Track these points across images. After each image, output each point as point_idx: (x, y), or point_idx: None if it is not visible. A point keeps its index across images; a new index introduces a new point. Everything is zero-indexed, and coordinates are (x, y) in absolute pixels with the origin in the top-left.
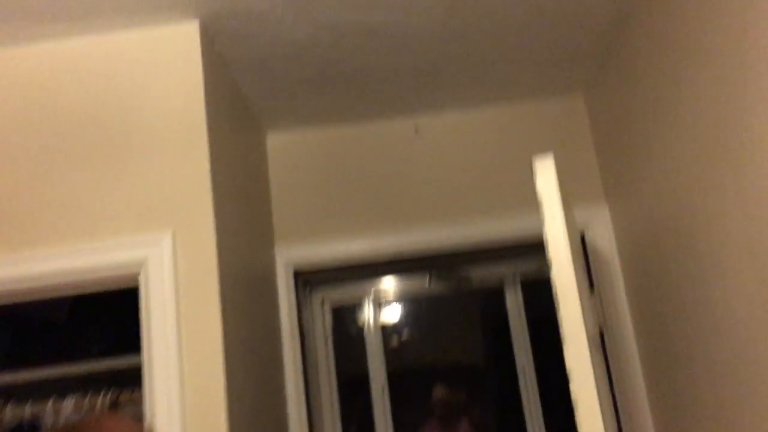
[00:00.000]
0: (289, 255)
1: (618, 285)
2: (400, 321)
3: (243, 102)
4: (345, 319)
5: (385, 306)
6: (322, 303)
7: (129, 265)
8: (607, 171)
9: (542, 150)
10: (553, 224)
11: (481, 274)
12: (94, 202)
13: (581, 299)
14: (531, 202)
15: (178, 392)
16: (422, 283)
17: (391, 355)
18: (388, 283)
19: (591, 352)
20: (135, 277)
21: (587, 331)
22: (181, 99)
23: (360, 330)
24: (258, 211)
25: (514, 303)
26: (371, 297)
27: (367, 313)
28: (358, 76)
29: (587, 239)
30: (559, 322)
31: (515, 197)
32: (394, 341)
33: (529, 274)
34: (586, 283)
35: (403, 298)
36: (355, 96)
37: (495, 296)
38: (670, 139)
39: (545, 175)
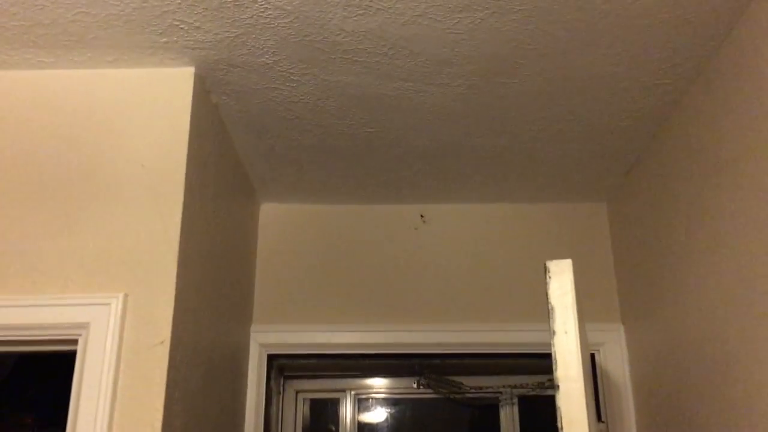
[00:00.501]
0: (266, 337)
1: (629, 417)
2: (383, 423)
3: (237, 164)
4: (322, 414)
5: (368, 406)
6: (296, 395)
7: (70, 327)
8: (625, 287)
9: (556, 257)
10: (565, 339)
11: (475, 384)
12: (44, 251)
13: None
14: (539, 311)
15: None
16: (410, 386)
17: None
18: (372, 382)
19: None
20: (75, 341)
21: None
22: (161, 148)
23: (337, 429)
24: (237, 285)
25: (509, 420)
26: (352, 394)
27: (346, 411)
28: (365, 151)
29: (598, 361)
30: None
31: (523, 304)
32: None
33: (528, 390)
34: (594, 411)
35: (387, 399)
36: (359, 172)
37: (488, 409)
38: (699, 259)
39: (560, 281)
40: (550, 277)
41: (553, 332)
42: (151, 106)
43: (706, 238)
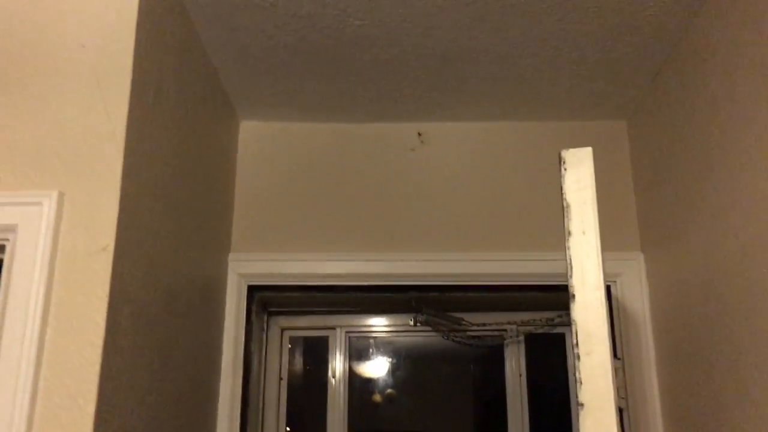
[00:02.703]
0: (247, 266)
1: (648, 355)
2: (377, 364)
3: (208, 69)
4: (311, 354)
5: (360, 346)
6: (281, 333)
7: None
8: (646, 212)
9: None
10: (583, 240)
11: (478, 321)
12: None
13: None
14: (548, 239)
15: (27, 416)
16: (407, 323)
17: (361, 411)
18: (366, 320)
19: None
20: (2, 248)
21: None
22: (104, 25)
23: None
24: (212, 207)
25: (515, 360)
26: (343, 332)
27: (337, 351)
28: (353, 51)
29: (614, 294)
30: (577, 381)
31: (531, 232)
32: (369, 395)
33: (536, 326)
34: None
35: (382, 339)
36: (347, 82)
37: (492, 349)
38: (729, 179)
39: (578, 172)
40: (565, 169)
41: (569, 233)
42: None
43: (738, 154)
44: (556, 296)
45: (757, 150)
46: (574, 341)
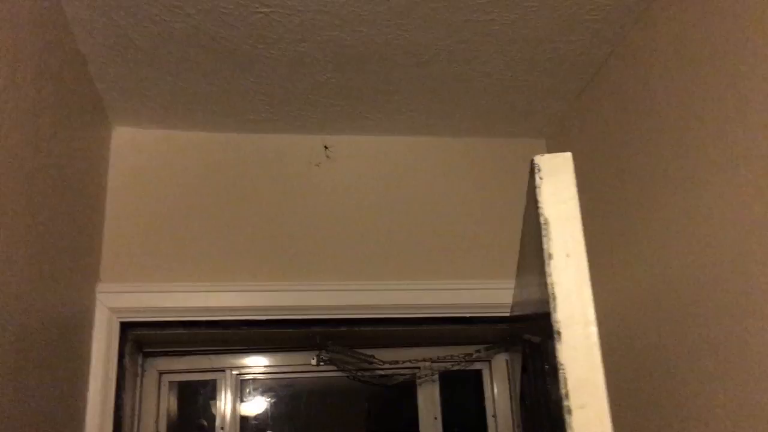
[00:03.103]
0: (119, 299)
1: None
2: (271, 411)
3: (72, 54)
4: (194, 401)
5: (253, 390)
6: (159, 377)
7: None
8: None
9: (486, 200)
10: (567, 264)
11: (389, 358)
12: None
13: None
14: (467, 265)
15: None
16: (308, 362)
17: None
18: (259, 359)
19: None
20: None
21: None
22: None
23: (213, 420)
24: (76, 228)
25: (428, 400)
26: (233, 374)
27: (225, 397)
28: (252, 48)
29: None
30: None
31: (448, 257)
32: None
33: (453, 363)
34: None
35: (278, 380)
36: (243, 82)
37: (403, 388)
38: (670, 194)
39: (556, 183)
40: (540, 179)
41: (549, 256)
42: None
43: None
44: (476, 329)
45: (696, 165)
46: (562, 392)
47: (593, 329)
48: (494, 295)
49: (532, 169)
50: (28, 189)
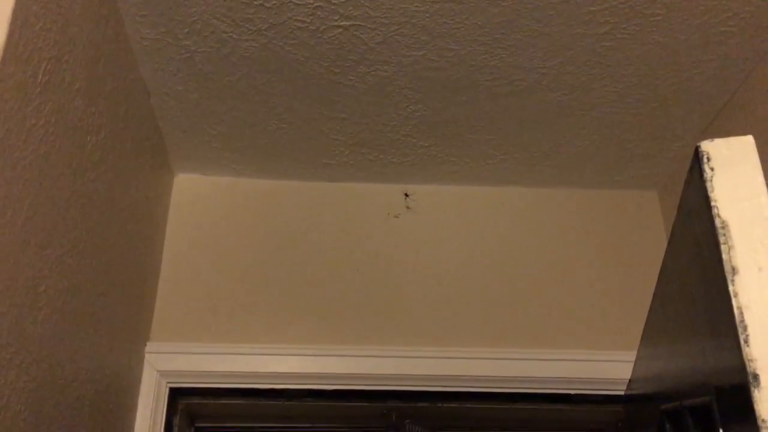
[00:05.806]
0: (169, 361)
1: None
2: None
3: (134, 82)
4: None
5: None
6: None
7: None
8: None
9: (597, 256)
10: (762, 281)
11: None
12: None
13: None
14: (580, 332)
15: None
16: None
17: None
18: None
19: None
20: None
21: None
22: None
23: None
24: (127, 282)
25: None
26: None
27: None
28: (329, 84)
29: None
30: None
31: (559, 321)
32: None
33: None
34: None
35: None
36: (317, 126)
37: None
38: None
39: (735, 173)
40: (712, 170)
41: (734, 270)
42: None
43: None
44: (581, 411)
45: None
46: None
47: None
48: (602, 368)
49: (698, 159)
50: (75, 231)
